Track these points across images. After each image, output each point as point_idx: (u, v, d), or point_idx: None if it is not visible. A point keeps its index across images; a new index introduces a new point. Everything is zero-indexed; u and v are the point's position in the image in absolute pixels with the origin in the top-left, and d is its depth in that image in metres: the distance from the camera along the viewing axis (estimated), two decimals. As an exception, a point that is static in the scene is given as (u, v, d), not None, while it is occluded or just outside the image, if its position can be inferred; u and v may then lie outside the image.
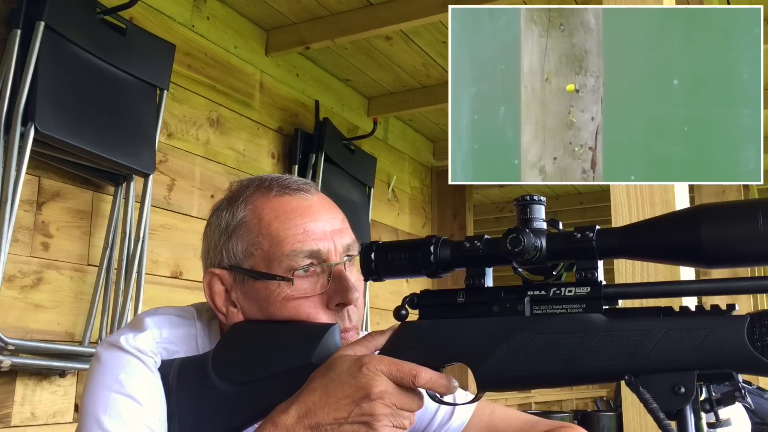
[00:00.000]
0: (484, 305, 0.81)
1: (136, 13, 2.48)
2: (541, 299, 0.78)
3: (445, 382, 0.81)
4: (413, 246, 0.85)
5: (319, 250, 0.98)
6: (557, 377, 0.76)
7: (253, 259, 0.99)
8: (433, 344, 0.83)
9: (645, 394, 0.69)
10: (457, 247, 0.83)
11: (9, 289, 2.05)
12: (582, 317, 0.75)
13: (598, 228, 0.76)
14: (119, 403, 0.91)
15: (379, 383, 0.80)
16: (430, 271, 0.84)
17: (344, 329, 0.99)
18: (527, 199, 0.79)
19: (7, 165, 1.98)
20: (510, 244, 0.77)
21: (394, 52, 3.36)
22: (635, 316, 0.74)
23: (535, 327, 0.77)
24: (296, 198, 1.02)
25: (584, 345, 0.74)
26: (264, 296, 0.98)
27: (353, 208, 3.57)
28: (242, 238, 1.00)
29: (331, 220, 1.02)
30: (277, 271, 0.97)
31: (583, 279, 0.76)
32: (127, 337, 0.96)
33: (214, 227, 1.04)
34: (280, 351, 0.93)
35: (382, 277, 0.87)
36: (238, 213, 1.02)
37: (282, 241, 0.98)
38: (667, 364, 0.70)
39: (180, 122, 2.71)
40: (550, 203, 5.73)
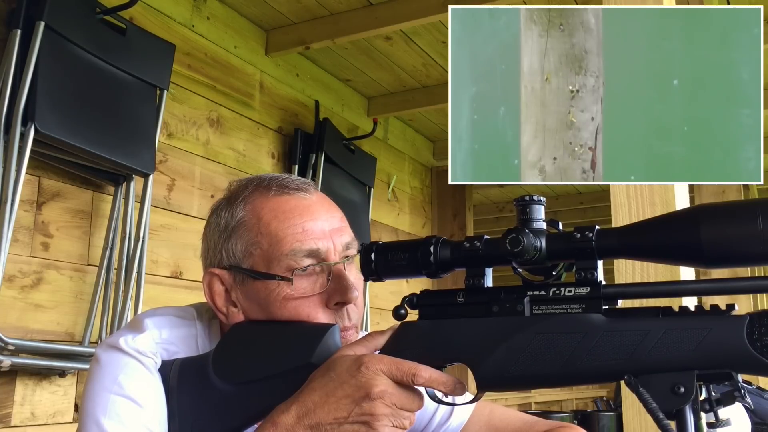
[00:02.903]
0: (483, 305, 0.81)
1: (136, 13, 2.48)
2: (540, 299, 0.78)
3: (445, 380, 0.81)
4: (413, 246, 0.85)
5: (318, 250, 0.98)
6: (557, 377, 0.76)
7: (253, 258, 0.99)
8: (433, 344, 0.83)
9: (644, 394, 0.69)
10: (457, 248, 0.83)
11: (9, 289, 2.05)
12: (581, 317, 0.75)
13: (597, 228, 0.76)
14: (118, 405, 0.91)
15: (379, 383, 0.80)
16: (429, 272, 0.84)
17: (344, 328, 0.98)
18: (527, 199, 0.79)
19: (7, 165, 1.98)
20: (510, 244, 0.77)
21: (394, 52, 3.36)
22: (635, 316, 0.74)
23: (534, 327, 0.77)
24: (295, 197, 1.02)
25: (584, 345, 0.74)
26: (264, 296, 0.98)
27: (353, 208, 3.57)
28: (241, 238, 1.00)
29: (330, 219, 1.02)
30: (277, 271, 0.97)
31: (582, 279, 0.76)
32: (126, 339, 0.96)
33: (214, 227, 1.04)
34: (280, 351, 0.93)
35: (382, 277, 0.87)
36: (237, 213, 1.02)
37: (281, 240, 0.98)
38: (667, 364, 0.70)
39: (180, 122, 2.71)
40: (550, 203, 5.74)
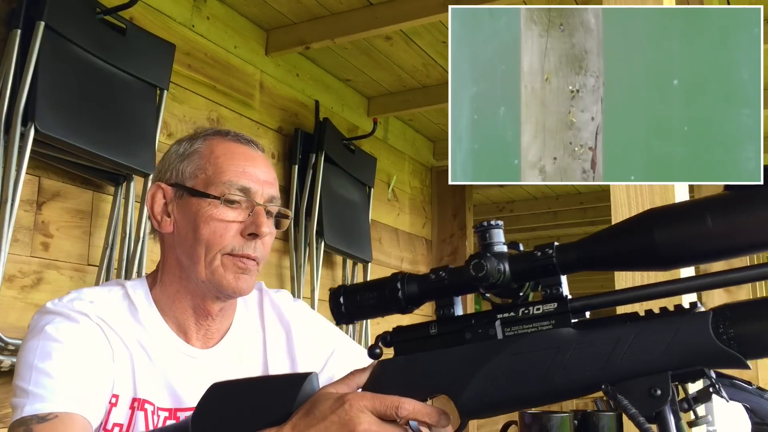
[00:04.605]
0: (456, 334, 0.82)
1: (136, 13, 2.48)
2: (511, 321, 0.79)
3: (429, 411, 0.81)
4: (380, 285, 0.85)
5: (249, 189, 1.20)
6: (537, 396, 0.76)
7: (196, 180, 1.21)
8: (412, 379, 0.83)
9: (623, 401, 0.70)
10: (424, 281, 0.84)
11: (9, 289, 2.05)
12: (552, 333, 0.76)
13: (556, 244, 0.77)
14: (47, 346, 1.09)
15: (364, 420, 0.79)
16: (400, 308, 0.84)
17: (247, 256, 1.19)
18: (485, 225, 0.80)
19: (7, 165, 1.98)
20: (473, 269, 0.77)
21: (394, 52, 3.36)
22: (603, 325, 0.75)
23: (508, 349, 0.77)
24: (245, 146, 1.25)
25: (558, 360, 0.74)
26: (194, 211, 1.19)
27: (353, 208, 3.57)
28: (192, 162, 1.23)
29: (266, 173, 1.24)
30: (212, 192, 1.19)
31: (549, 296, 0.77)
32: (53, 301, 1.17)
33: (173, 152, 1.27)
34: (260, 407, 0.91)
35: (353, 319, 0.88)
36: (196, 144, 1.25)
37: (224, 171, 1.20)
38: (641, 369, 0.70)
39: (180, 122, 2.71)
40: (550, 203, 5.74)
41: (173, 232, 1.22)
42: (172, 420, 1.17)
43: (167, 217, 1.23)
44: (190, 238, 1.20)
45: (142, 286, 1.25)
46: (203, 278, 1.19)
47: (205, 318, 1.24)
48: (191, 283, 1.22)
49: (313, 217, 3.18)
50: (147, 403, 1.16)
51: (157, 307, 1.24)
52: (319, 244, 3.21)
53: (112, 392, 1.13)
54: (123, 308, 1.20)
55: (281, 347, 1.32)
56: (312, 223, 3.18)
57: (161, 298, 1.24)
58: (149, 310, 1.23)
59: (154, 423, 1.15)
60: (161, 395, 1.18)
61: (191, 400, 1.14)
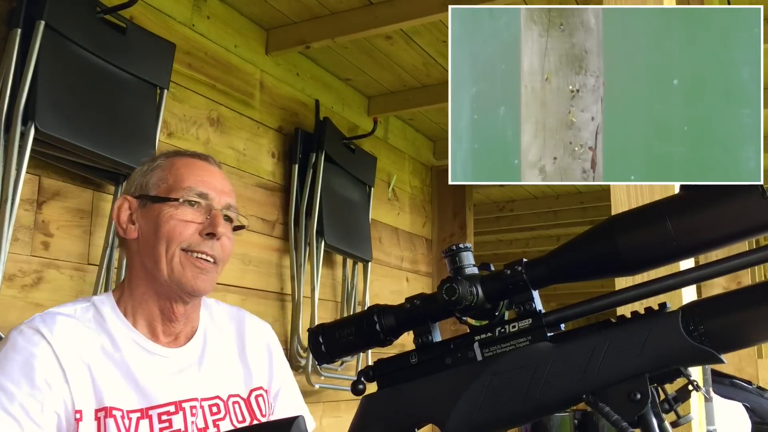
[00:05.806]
0: (437, 360, 0.82)
1: (137, 13, 2.48)
2: (489, 341, 0.79)
3: None
4: (357, 320, 0.85)
5: (207, 194, 1.32)
6: (521, 414, 0.76)
7: (158, 189, 1.32)
8: (398, 412, 0.83)
9: (604, 408, 0.70)
10: (400, 312, 0.84)
11: (9, 289, 2.06)
12: (530, 349, 0.76)
13: (525, 261, 0.78)
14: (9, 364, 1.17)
15: None
16: (378, 340, 0.85)
17: (203, 252, 1.29)
18: (454, 248, 0.81)
19: (7, 164, 1.98)
20: (446, 294, 0.77)
21: (394, 51, 3.36)
22: (577, 336, 0.75)
23: (489, 369, 0.77)
24: (204, 162, 1.38)
25: (538, 375, 0.75)
26: (156, 214, 1.30)
27: (353, 207, 3.57)
28: (155, 174, 1.34)
29: (222, 184, 1.36)
30: (173, 196, 1.30)
31: (523, 312, 0.78)
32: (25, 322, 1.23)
33: (137, 171, 1.38)
34: None
35: (334, 357, 0.88)
36: (158, 161, 1.37)
37: (184, 179, 1.32)
38: (618, 375, 0.71)
39: (180, 121, 2.71)
40: (550, 203, 5.74)
41: (138, 238, 1.32)
42: (145, 419, 1.22)
43: (132, 225, 1.33)
44: (152, 240, 1.30)
45: (108, 297, 1.33)
46: (165, 277, 1.28)
47: (170, 320, 1.33)
48: (156, 284, 1.30)
49: (314, 217, 3.18)
50: (115, 409, 1.21)
51: (124, 313, 1.31)
52: (319, 244, 3.21)
53: (74, 408, 1.18)
54: (88, 320, 1.27)
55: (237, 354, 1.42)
56: (312, 222, 3.18)
57: (129, 303, 1.32)
58: (116, 318, 1.30)
59: (126, 427, 1.20)
60: (130, 399, 1.23)
61: (163, 398, 1.25)
